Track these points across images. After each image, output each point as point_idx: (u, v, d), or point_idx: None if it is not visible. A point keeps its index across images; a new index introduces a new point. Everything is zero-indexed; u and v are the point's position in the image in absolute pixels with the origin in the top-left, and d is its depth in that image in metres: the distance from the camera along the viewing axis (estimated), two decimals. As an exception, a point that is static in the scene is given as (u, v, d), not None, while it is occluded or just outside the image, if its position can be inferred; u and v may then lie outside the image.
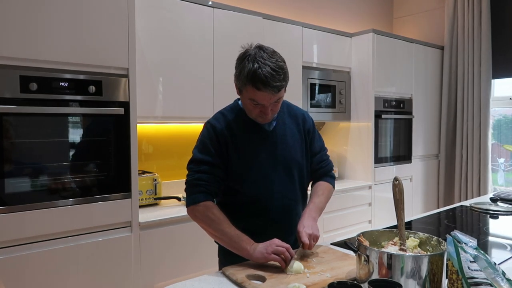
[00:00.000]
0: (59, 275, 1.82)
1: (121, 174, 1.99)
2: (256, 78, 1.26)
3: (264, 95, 1.28)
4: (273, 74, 1.26)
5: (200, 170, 1.37)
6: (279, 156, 1.43)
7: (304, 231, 1.34)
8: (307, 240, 1.31)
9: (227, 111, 1.46)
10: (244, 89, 1.31)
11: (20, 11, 1.71)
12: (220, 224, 1.33)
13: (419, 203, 3.95)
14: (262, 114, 1.35)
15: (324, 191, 1.54)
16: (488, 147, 3.82)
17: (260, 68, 1.25)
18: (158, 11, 2.37)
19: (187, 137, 2.86)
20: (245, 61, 1.29)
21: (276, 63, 1.28)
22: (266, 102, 1.30)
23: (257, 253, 1.26)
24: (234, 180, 1.41)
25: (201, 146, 1.41)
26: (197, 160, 1.39)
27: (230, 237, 1.32)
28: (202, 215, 1.36)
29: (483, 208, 2.17)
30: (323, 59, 3.30)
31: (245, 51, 1.32)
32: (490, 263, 1.03)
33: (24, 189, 1.73)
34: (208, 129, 1.42)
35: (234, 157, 1.39)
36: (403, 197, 1.19)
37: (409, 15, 4.44)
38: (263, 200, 1.41)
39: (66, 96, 1.83)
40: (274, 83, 1.26)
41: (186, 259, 2.26)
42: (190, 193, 1.38)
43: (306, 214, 1.43)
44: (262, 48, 1.31)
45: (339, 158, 3.67)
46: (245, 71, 1.28)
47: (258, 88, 1.27)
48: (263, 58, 1.27)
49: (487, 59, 3.78)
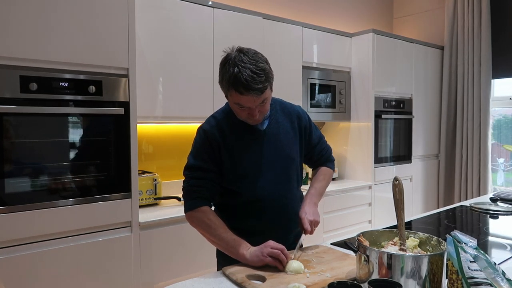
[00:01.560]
0: (59, 275, 1.82)
1: (121, 174, 1.99)
2: (238, 83, 1.25)
3: (248, 98, 1.27)
4: (253, 77, 1.24)
5: (194, 176, 1.39)
6: (274, 155, 1.44)
7: (306, 217, 1.39)
8: (309, 227, 1.37)
9: (219, 114, 1.46)
10: (229, 93, 1.31)
11: (20, 11, 1.71)
12: (217, 230, 1.34)
13: (419, 203, 3.95)
14: (250, 117, 1.34)
15: (325, 175, 1.60)
16: (488, 147, 3.82)
17: (240, 72, 1.24)
18: (158, 11, 2.37)
19: (187, 137, 2.86)
20: (226, 65, 1.28)
21: (257, 65, 1.26)
22: (251, 105, 1.30)
23: (253, 257, 1.27)
24: (230, 182, 1.41)
25: (194, 152, 1.42)
26: (191, 166, 1.41)
27: (227, 242, 1.33)
28: (199, 221, 1.37)
29: (483, 208, 2.17)
30: (323, 59, 3.31)
31: (227, 55, 1.31)
32: (490, 263, 1.03)
33: (24, 189, 1.74)
34: (200, 134, 1.43)
35: (227, 159, 1.39)
36: (403, 197, 1.19)
37: (409, 15, 4.44)
38: (259, 200, 1.41)
39: (66, 96, 1.83)
40: (256, 86, 1.25)
41: (186, 259, 2.26)
42: (187, 199, 1.40)
43: (307, 199, 1.48)
44: (242, 51, 1.29)
45: (339, 158, 3.67)
46: (226, 76, 1.27)
47: (240, 92, 1.26)
48: (243, 61, 1.26)
49: (487, 59, 3.78)
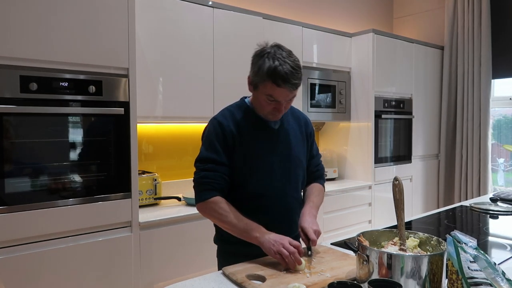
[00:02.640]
0: (59, 275, 1.82)
1: (121, 174, 1.99)
2: (277, 75, 1.30)
3: (283, 91, 1.32)
4: (292, 72, 1.31)
5: (205, 168, 1.39)
6: (284, 154, 1.46)
7: (310, 227, 1.39)
8: (315, 236, 1.37)
9: (234, 108, 1.48)
10: (262, 85, 1.34)
11: (20, 11, 1.71)
12: (228, 217, 1.36)
13: (419, 203, 3.95)
14: (275, 111, 1.38)
15: (320, 192, 1.61)
16: (488, 147, 3.82)
17: (280, 65, 1.30)
18: (158, 11, 2.37)
19: (187, 137, 2.86)
20: (264, 58, 1.33)
21: (294, 62, 1.34)
22: (282, 99, 1.35)
23: (266, 242, 1.29)
24: (239, 176, 1.42)
25: (207, 144, 1.43)
26: (203, 158, 1.41)
27: (240, 228, 1.35)
28: (211, 210, 1.39)
29: (483, 208, 2.17)
30: (323, 59, 3.30)
31: (262, 49, 1.37)
32: (490, 263, 1.03)
33: (24, 189, 1.73)
34: (214, 126, 1.43)
35: (240, 154, 1.41)
36: (403, 197, 1.19)
37: (409, 15, 4.44)
38: (266, 197, 1.42)
39: (66, 96, 1.83)
40: (294, 81, 1.32)
41: (186, 259, 2.26)
42: (198, 191, 1.41)
43: (306, 211, 1.47)
44: (280, 47, 1.36)
45: (339, 158, 3.67)
46: (264, 67, 1.32)
47: (278, 84, 1.31)
48: (282, 56, 1.32)
49: (487, 59, 3.77)
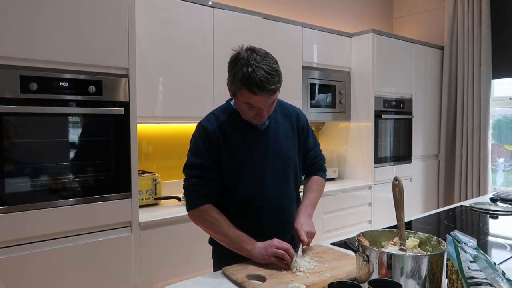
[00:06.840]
0: (59, 275, 1.82)
1: (121, 174, 1.99)
2: (251, 82, 1.24)
3: (260, 98, 1.27)
4: (267, 78, 1.24)
5: (194, 175, 1.38)
6: (273, 155, 1.43)
7: (302, 229, 1.37)
8: (306, 238, 1.35)
9: (219, 111, 1.46)
10: (239, 93, 1.29)
11: (20, 11, 1.71)
12: (220, 227, 1.34)
13: (419, 203, 3.95)
14: (257, 116, 1.34)
15: (318, 186, 1.58)
16: (488, 147, 3.82)
17: (254, 72, 1.23)
18: (158, 11, 2.37)
19: (187, 137, 2.80)
20: (238, 64, 1.27)
21: (270, 66, 1.26)
22: (261, 105, 1.29)
23: (257, 254, 1.28)
24: (229, 180, 1.40)
25: (194, 149, 1.41)
26: (191, 164, 1.40)
27: (231, 239, 1.33)
28: (202, 219, 1.37)
29: (483, 208, 2.17)
30: (323, 59, 3.30)
31: (237, 54, 1.30)
32: (490, 263, 1.03)
33: (24, 189, 1.73)
34: (200, 131, 1.42)
35: (227, 157, 1.38)
36: (403, 197, 1.19)
37: (409, 15, 4.44)
38: (257, 199, 1.40)
39: (66, 96, 1.83)
40: (270, 87, 1.25)
41: (186, 259, 2.26)
42: (188, 198, 1.39)
43: (302, 211, 1.46)
44: (254, 51, 1.28)
45: (339, 158, 3.67)
46: (239, 75, 1.25)
47: (253, 92, 1.25)
48: (256, 61, 1.25)
49: (487, 59, 3.78)
